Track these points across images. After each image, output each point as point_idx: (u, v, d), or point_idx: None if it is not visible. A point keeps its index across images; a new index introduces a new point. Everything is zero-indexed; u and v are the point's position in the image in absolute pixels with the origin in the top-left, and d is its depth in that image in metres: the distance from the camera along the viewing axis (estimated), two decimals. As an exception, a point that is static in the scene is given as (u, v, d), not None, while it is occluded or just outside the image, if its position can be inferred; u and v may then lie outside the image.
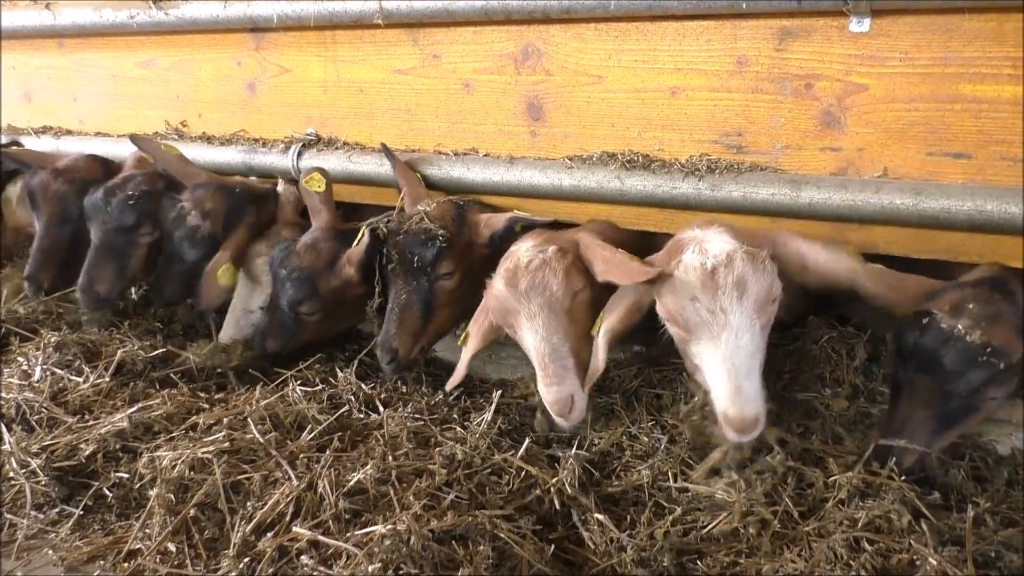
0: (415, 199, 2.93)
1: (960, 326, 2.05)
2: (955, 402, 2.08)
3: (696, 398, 2.30)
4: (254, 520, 2.15)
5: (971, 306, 2.08)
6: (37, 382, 2.87)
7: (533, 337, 2.38)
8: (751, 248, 2.15)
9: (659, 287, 2.25)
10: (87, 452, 2.52)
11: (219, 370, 3.03)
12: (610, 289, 2.42)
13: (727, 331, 2.08)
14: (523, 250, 2.48)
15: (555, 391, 2.33)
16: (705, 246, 2.19)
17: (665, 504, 2.28)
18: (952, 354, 2.04)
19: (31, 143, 4.15)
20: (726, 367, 2.06)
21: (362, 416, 2.71)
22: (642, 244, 2.84)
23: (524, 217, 2.77)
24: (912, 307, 2.20)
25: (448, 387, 2.74)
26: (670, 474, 2.36)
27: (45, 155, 3.75)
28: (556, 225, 2.81)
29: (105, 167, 3.62)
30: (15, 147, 3.91)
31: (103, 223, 3.19)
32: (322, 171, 3.11)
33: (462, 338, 2.71)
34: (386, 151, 3.10)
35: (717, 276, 2.11)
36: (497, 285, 2.45)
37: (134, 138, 3.37)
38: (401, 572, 1.90)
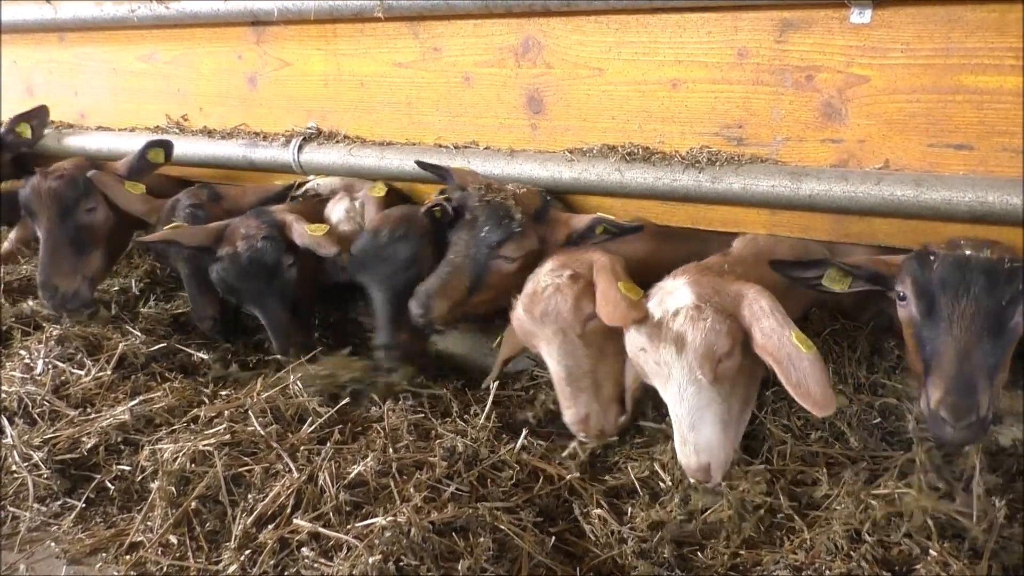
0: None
1: (969, 251, 2.08)
2: (997, 322, 2.03)
3: None
4: (255, 512, 2.16)
5: (963, 241, 2.13)
6: (39, 375, 2.87)
7: (551, 361, 2.49)
8: (700, 304, 2.16)
9: (625, 335, 2.31)
10: (89, 445, 2.53)
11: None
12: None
13: (671, 383, 2.17)
14: (542, 274, 2.52)
15: (571, 413, 2.46)
16: (665, 298, 2.24)
17: (664, 495, 2.29)
18: (980, 270, 2.03)
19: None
20: (673, 415, 2.19)
21: (363, 409, 2.71)
22: (695, 245, 2.82)
23: (609, 219, 2.66)
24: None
25: (489, 383, 2.78)
26: (667, 467, 2.37)
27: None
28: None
29: (91, 164, 3.54)
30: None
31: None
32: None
33: (495, 343, 2.77)
34: (430, 167, 3.01)
35: (661, 329, 2.17)
36: (518, 309, 2.52)
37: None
38: (401, 564, 1.91)
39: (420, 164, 3.01)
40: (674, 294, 2.23)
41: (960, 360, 2.03)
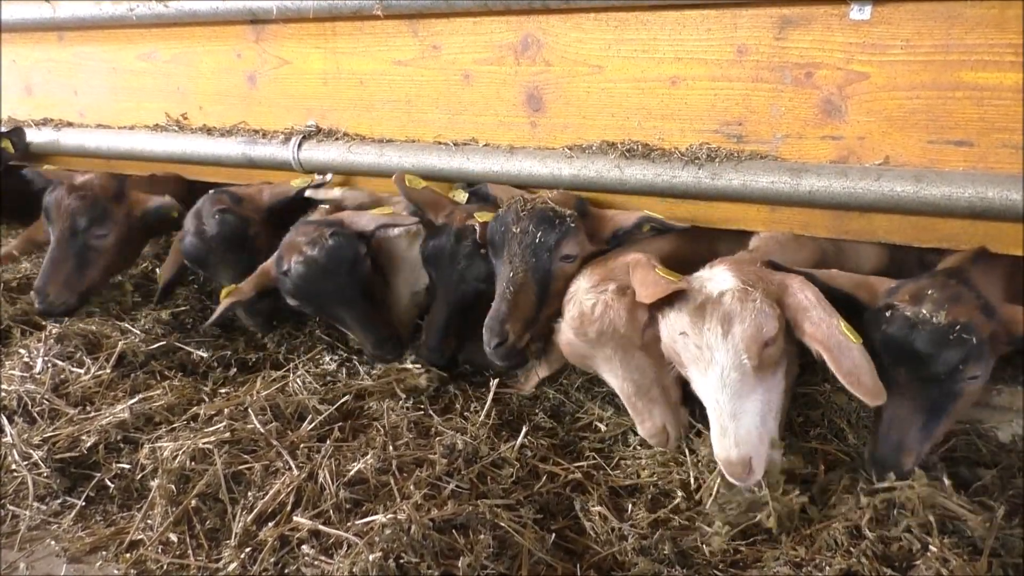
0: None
1: (924, 311, 2.05)
2: (937, 389, 2.06)
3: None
4: (255, 510, 2.16)
5: (930, 292, 2.09)
6: (39, 374, 2.87)
7: (615, 379, 2.44)
8: (746, 287, 2.11)
9: (660, 322, 2.26)
10: (89, 443, 2.53)
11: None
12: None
13: (713, 368, 2.07)
14: (583, 293, 2.43)
15: (648, 427, 2.42)
16: (706, 283, 2.18)
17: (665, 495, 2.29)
18: (923, 338, 2.03)
19: (31, 135, 4.15)
20: (712, 404, 2.07)
21: (363, 406, 2.72)
22: (706, 243, 2.79)
23: (655, 218, 2.61)
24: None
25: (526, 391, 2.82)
26: (674, 465, 2.38)
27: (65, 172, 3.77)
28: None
29: (119, 183, 3.63)
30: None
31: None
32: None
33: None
34: (478, 192, 3.01)
35: (704, 312, 2.10)
36: (567, 334, 2.44)
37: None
38: (402, 561, 1.91)
39: (473, 193, 3.02)
40: (715, 279, 2.17)
41: (891, 422, 2.09)
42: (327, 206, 3.34)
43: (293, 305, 3.01)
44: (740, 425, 2.02)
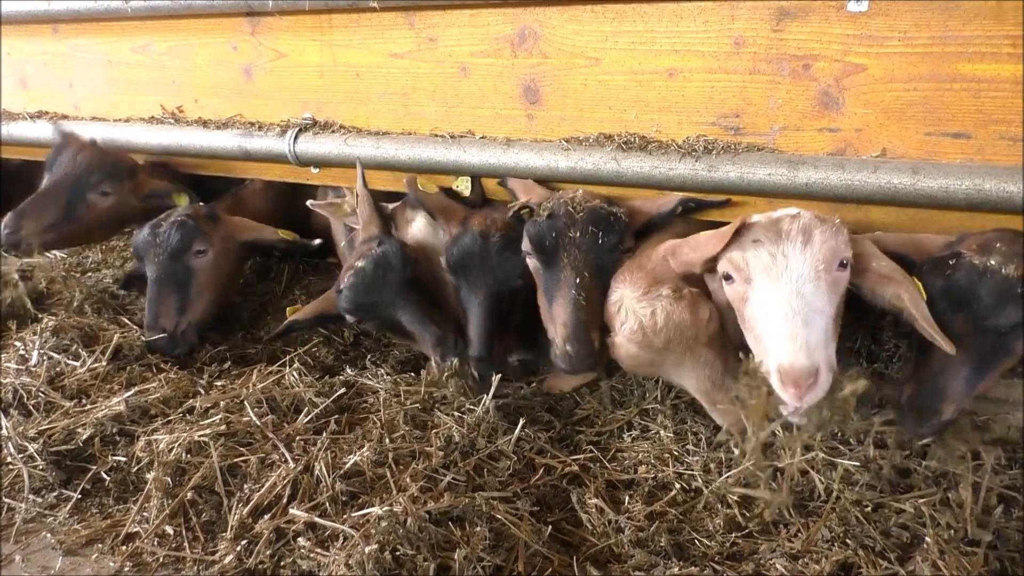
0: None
1: (992, 262, 2.02)
2: (992, 341, 2.01)
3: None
4: (251, 503, 2.16)
5: (999, 245, 2.06)
6: (34, 366, 2.87)
7: (688, 380, 2.40)
8: (819, 216, 2.12)
9: (725, 251, 2.19)
10: (84, 436, 2.53)
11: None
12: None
13: (787, 274, 2.02)
14: (634, 302, 2.33)
15: (731, 418, 2.36)
16: (772, 214, 2.19)
17: (662, 487, 2.29)
18: (990, 287, 1.99)
19: (27, 128, 4.14)
20: (783, 311, 1.97)
21: (360, 399, 2.71)
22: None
23: (693, 198, 2.59)
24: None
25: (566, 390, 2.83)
26: (671, 459, 2.38)
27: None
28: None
29: (133, 163, 3.74)
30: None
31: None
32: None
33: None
34: (504, 183, 2.96)
35: (781, 224, 2.10)
36: (627, 348, 2.35)
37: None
38: (398, 553, 1.91)
39: (501, 183, 2.97)
40: (782, 211, 2.17)
41: (937, 369, 2.05)
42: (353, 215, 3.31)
43: (352, 322, 2.98)
44: (812, 332, 1.92)
